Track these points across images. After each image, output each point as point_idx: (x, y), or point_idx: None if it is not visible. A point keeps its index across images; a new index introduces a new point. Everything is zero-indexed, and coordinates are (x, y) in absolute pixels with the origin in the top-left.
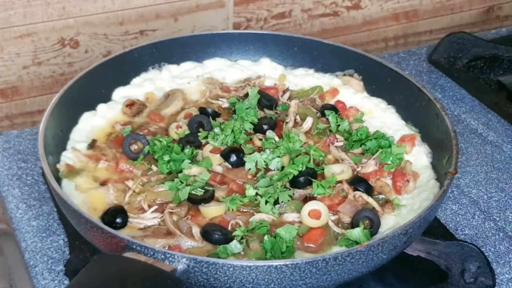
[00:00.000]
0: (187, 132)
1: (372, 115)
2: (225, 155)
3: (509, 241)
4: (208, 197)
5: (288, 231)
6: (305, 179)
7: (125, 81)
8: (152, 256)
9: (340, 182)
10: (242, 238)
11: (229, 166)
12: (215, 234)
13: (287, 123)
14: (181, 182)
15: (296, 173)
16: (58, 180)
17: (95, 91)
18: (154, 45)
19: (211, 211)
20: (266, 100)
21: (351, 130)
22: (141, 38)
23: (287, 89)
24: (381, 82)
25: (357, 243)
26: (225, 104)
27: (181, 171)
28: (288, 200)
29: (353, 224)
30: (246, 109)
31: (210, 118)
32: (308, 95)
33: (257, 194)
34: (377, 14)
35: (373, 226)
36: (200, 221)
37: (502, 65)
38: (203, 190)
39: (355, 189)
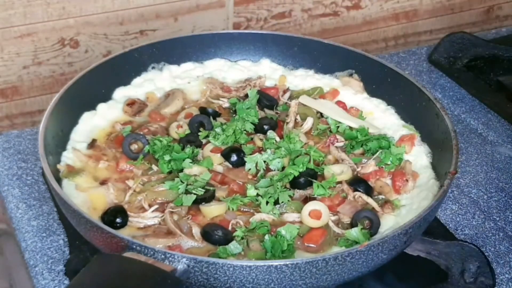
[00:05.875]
0: (188, 131)
1: (372, 116)
2: (226, 155)
3: (509, 241)
4: (209, 197)
5: (289, 230)
6: (305, 180)
7: (126, 81)
8: (152, 256)
9: (340, 182)
10: (242, 238)
11: (230, 166)
12: (215, 235)
13: (287, 123)
14: (181, 181)
15: (296, 173)
16: (58, 180)
17: (95, 91)
18: (154, 45)
19: (212, 210)
20: (267, 100)
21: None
22: (141, 38)
23: (288, 89)
24: (381, 82)
25: (356, 243)
26: (225, 104)
27: (181, 171)
28: (288, 201)
29: (353, 225)
30: (247, 109)
31: (211, 117)
32: (309, 95)
33: (258, 194)
34: (377, 14)
35: (373, 226)
36: (200, 221)
37: (502, 65)
38: (203, 190)
39: (355, 190)
